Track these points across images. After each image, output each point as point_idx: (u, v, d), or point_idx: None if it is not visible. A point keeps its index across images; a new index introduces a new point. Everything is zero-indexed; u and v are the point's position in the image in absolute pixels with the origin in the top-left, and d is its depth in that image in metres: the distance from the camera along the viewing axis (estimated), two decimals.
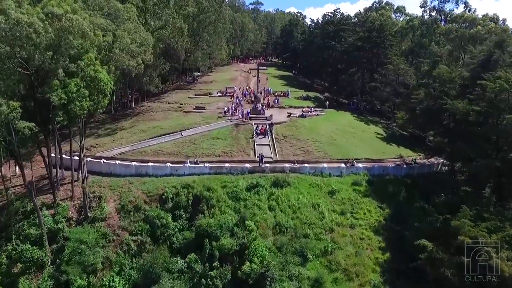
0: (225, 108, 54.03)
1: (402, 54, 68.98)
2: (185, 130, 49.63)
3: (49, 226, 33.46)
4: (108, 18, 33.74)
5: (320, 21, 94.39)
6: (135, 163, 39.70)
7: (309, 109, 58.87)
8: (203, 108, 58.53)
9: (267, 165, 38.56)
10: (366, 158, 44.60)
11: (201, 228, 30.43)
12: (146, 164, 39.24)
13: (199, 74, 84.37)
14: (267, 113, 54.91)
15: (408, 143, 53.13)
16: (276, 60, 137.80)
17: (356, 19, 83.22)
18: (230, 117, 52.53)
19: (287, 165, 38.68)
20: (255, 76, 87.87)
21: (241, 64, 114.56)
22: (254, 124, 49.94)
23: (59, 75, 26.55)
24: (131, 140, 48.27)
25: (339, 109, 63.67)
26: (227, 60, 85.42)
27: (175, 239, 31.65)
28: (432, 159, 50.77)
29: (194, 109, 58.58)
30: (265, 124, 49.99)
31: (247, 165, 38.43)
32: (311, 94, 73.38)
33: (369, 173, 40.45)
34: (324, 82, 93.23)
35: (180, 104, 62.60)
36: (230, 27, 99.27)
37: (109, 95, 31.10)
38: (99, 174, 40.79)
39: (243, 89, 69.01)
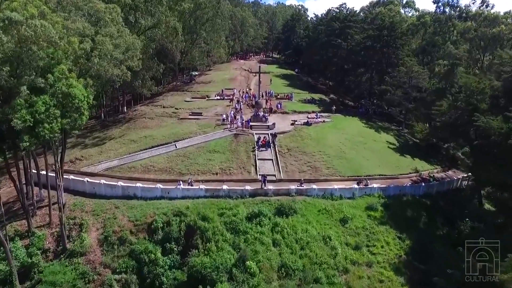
0: (224, 116, 49.52)
1: (413, 53, 64.13)
2: (180, 140, 45.21)
3: (21, 260, 29.26)
4: (87, 21, 29.09)
5: (324, 17, 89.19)
6: (122, 184, 35.35)
7: (315, 115, 54.32)
8: (200, 114, 54.01)
9: (271, 187, 34.17)
10: (379, 175, 40.27)
11: (195, 269, 26.19)
12: (134, 185, 34.89)
13: (196, 73, 79.67)
14: (270, 120, 50.40)
15: (422, 153, 48.70)
16: (277, 56, 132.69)
17: (362, 14, 77.94)
18: (229, 126, 48.03)
19: (292, 186, 34.31)
20: (255, 75, 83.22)
21: (241, 61, 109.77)
22: (255, 134, 45.47)
23: (22, 93, 22.10)
24: (120, 153, 43.88)
25: (346, 114, 59.08)
26: (226, 58, 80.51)
27: (165, 279, 27.41)
28: (450, 172, 46.55)
29: (190, 115, 54.06)
30: (267, 134, 45.55)
31: (247, 187, 34.07)
32: (316, 96, 68.75)
33: (384, 193, 36.13)
34: (329, 81, 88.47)
35: (176, 108, 58.06)
36: (229, 22, 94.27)
37: (87, 113, 26.59)
38: (83, 194, 36.51)
39: (243, 91, 64.36)
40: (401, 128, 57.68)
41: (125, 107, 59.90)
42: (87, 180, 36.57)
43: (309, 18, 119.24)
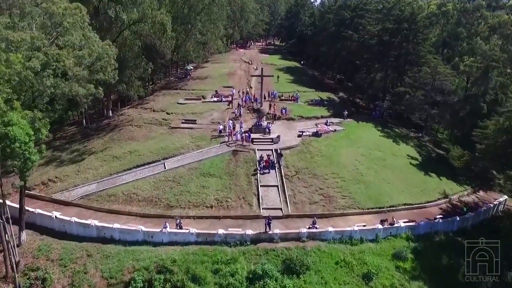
0: (220, 126, 42.91)
1: (433, 46, 56.91)
2: (170, 158, 38.94)
3: None
4: (41, 28, 22.36)
5: (333, 4, 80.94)
6: (97, 224, 29.20)
7: (325, 123, 47.74)
8: (194, 122, 47.36)
9: (277, 230, 27.97)
10: (404, 204, 34.15)
11: None
12: (111, 226, 28.73)
13: (192, 68, 72.33)
14: (273, 130, 43.94)
15: (448, 168, 42.48)
16: (279, 43, 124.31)
17: (376, 2, 69.75)
18: (226, 139, 41.58)
19: (303, 229, 28.10)
20: (256, 69, 76.30)
21: (241, 50, 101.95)
22: (257, 150, 39.09)
23: None
24: (99, 173, 37.64)
25: (359, 119, 52.36)
26: (224, 50, 73.04)
27: None
28: (481, 193, 40.51)
29: (182, 123, 47.39)
30: (271, 150, 39.16)
31: (249, 231, 27.86)
32: (323, 95, 61.75)
33: (412, 232, 30.07)
34: (336, 74, 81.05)
35: (167, 113, 51.31)
36: (228, 9, 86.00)
37: (35, 157, 20.25)
38: (51, 232, 30.48)
39: (243, 91, 57.43)
40: (421, 135, 51.14)
41: (110, 111, 53.12)
42: (56, 217, 30.43)
43: (315, 4, 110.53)
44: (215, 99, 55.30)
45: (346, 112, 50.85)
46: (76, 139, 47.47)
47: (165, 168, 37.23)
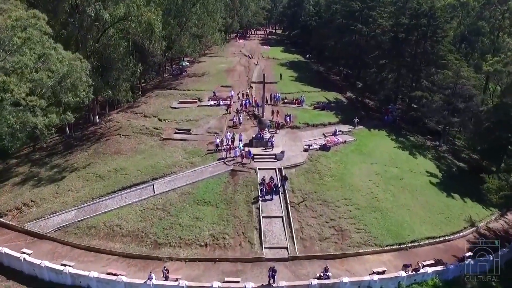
0: (217, 140, 38.15)
1: (450, 43, 51.57)
2: (160, 179, 34.47)
3: None
4: None
5: None
6: (71, 271, 24.90)
7: (333, 132, 42.99)
8: (188, 132, 42.61)
9: (283, 283, 23.56)
10: (428, 238, 29.80)
11: None
12: (87, 275, 24.42)
13: (187, 64, 66.96)
14: (276, 141, 39.30)
15: (471, 186, 38.05)
16: (280, 32, 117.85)
17: None
18: (224, 154, 36.95)
19: (314, 281, 23.72)
20: (257, 64, 71.14)
21: (241, 41, 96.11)
22: (259, 170, 34.53)
23: None
24: (80, 197, 33.23)
25: (370, 125, 47.54)
26: (222, 44, 67.48)
27: None
28: (510, 216, 36.20)
29: (176, 133, 42.67)
30: (275, 170, 34.62)
31: (249, 284, 23.48)
32: (330, 95, 56.74)
33: (440, 279, 25.85)
34: (343, 69, 75.56)
35: (159, 119, 46.53)
36: None
37: None
38: (19, 276, 26.30)
39: (242, 94, 52.43)
40: (438, 143, 46.43)
41: (97, 117, 48.25)
42: (24, 259, 26.12)
43: None
44: (212, 102, 50.37)
45: (356, 119, 45.95)
46: (58, 151, 42.79)
47: (154, 192, 32.75)
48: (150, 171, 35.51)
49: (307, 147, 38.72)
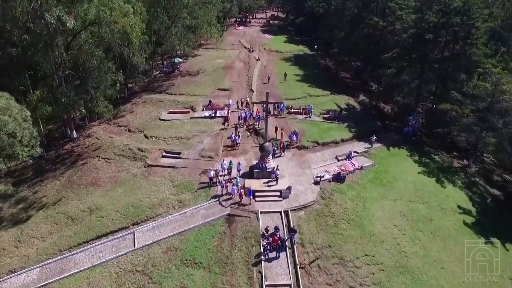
0: (211, 173, 31.92)
1: (485, 43, 44.37)
2: (142, 224, 28.80)
3: None
4: None
5: None
6: None
7: (348, 154, 36.85)
8: (178, 155, 36.47)
9: None
10: None
11: None
12: None
13: (180, 60, 59.71)
14: (281, 168, 33.22)
15: (509, 221, 32.42)
16: (283, 15, 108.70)
17: None
18: (219, 190, 31.00)
19: None
20: (258, 59, 63.98)
21: (240, 28, 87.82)
22: (261, 213, 28.68)
23: None
24: (46, 249, 27.59)
25: (389, 141, 41.24)
26: (219, 38, 59.88)
27: None
28: None
29: (163, 156, 36.53)
30: (280, 214, 28.74)
31: None
32: (341, 100, 50.16)
33: None
34: (354, 63, 68.13)
35: (145, 136, 40.42)
36: None
37: None
38: None
39: (241, 102, 45.83)
40: (467, 164, 40.25)
41: (75, 132, 41.90)
42: None
43: None
44: (207, 113, 43.86)
45: (374, 137, 39.56)
46: (27, 177, 36.84)
47: (134, 244, 26.99)
48: (131, 213, 29.68)
49: (318, 178, 32.64)
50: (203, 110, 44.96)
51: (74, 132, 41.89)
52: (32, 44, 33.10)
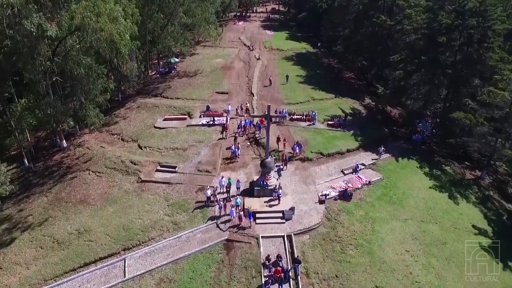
0: (208, 193, 29.58)
1: (500, 46, 41.60)
2: (134, 249, 26.68)
3: None
4: None
5: None
6: None
7: (354, 167, 34.58)
8: (173, 168, 34.16)
9: None
10: None
11: None
12: None
13: (177, 60, 57.01)
14: (284, 184, 30.99)
15: None
16: (284, 9, 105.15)
17: None
18: (217, 212, 28.76)
19: None
20: (259, 58, 61.28)
21: (240, 23, 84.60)
22: (262, 238, 26.52)
23: None
24: (29, 278, 25.52)
25: (397, 151, 38.93)
26: (217, 37, 57.00)
27: None
28: None
29: (158, 170, 34.24)
30: (283, 239, 26.55)
31: None
32: (346, 104, 47.72)
33: None
34: (359, 63, 65.25)
35: (139, 146, 38.14)
36: None
37: None
38: None
39: (241, 108, 43.35)
40: (480, 175, 37.99)
41: (64, 141, 39.56)
42: None
43: None
44: (205, 120, 41.43)
45: (382, 148, 37.23)
46: (13, 192, 34.25)
47: (124, 274, 24.83)
48: (122, 237, 27.51)
49: (324, 196, 30.39)
50: (200, 116, 42.54)
51: (64, 141, 39.54)
52: (14, 50, 30.55)
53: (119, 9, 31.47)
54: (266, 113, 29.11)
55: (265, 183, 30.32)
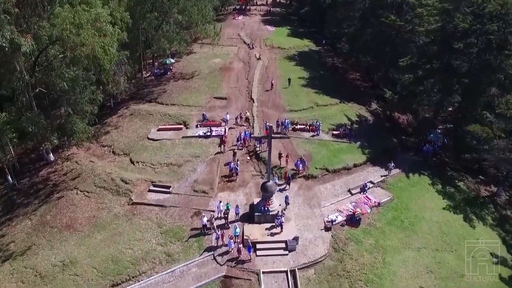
0: (204, 220, 27.11)
1: None
2: (123, 284, 24.33)
3: None
4: None
5: None
6: None
7: (362, 188, 32.13)
8: (167, 189, 31.66)
9: None
10: None
11: None
12: None
13: (173, 61, 53.86)
14: (287, 212, 28.58)
15: None
16: (285, 2, 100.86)
17: None
18: (214, 242, 26.43)
19: None
20: (259, 58, 58.17)
21: (240, 17, 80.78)
22: (263, 273, 24.21)
23: None
24: None
25: (408, 165, 36.45)
26: (216, 36, 53.75)
27: None
28: None
29: (150, 190, 31.75)
30: (286, 275, 24.25)
31: None
32: (352, 110, 45.01)
33: None
34: (365, 62, 61.99)
35: (131, 161, 35.56)
36: None
37: None
38: None
39: (240, 117, 40.58)
40: (496, 192, 35.58)
41: (51, 154, 36.99)
42: None
43: None
44: (201, 131, 38.70)
45: (392, 164, 34.65)
46: None
47: None
48: (110, 271, 25.22)
49: (330, 223, 27.99)
50: (197, 126, 39.83)
51: (51, 154, 36.95)
52: None
53: (105, 15, 28.40)
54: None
55: (266, 208, 27.87)
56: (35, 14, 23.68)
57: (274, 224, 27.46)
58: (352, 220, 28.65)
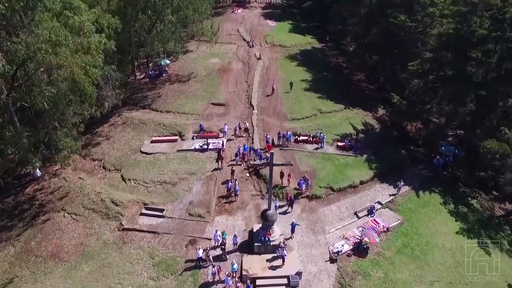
0: (200, 253, 24.91)
1: None
2: None
3: None
4: None
5: None
6: None
7: (369, 210, 29.94)
8: (161, 212, 29.47)
9: None
10: None
11: None
12: None
13: (168, 62, 50.98)
14: (289, 241, 26.49)
15: None
16: None
17: None
18: (209, 277, 24.36)
19: None
20: (259, 58, 55.24)
21: (239, 11, 77.20)
22: None
23: None
24: None
25: (418, 182, 34.19)
26: (213, 37, 50.66)
27: None
28: None
29: (142, 214, 29.58)
30: None
31: None
32: (357, 119, 42.59)
33: None
34: (370, 60, 58.97)
35: (122, 178, 33.32)
36: None
37: None
38: None
39: (239, 127, 38.08)
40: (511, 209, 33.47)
41: (38, 169, 34.68)
42: None
43: None
44: (198, 145, 36.30)
45: (401, 182, 32.37)
46: None
47: None
48: None
49: (335, 254, 25.89)
50: (193, 138, 37.39)
51: (38, 170, 34.63)
52: None
53: (89, 24, 25.63)
54: (269, 161, 24.03)
55: (267, 238, 25.72)
56: (6, 31, 20.93)
57: (275, 254, 25.37)
58: (359, 249, 26.58)
